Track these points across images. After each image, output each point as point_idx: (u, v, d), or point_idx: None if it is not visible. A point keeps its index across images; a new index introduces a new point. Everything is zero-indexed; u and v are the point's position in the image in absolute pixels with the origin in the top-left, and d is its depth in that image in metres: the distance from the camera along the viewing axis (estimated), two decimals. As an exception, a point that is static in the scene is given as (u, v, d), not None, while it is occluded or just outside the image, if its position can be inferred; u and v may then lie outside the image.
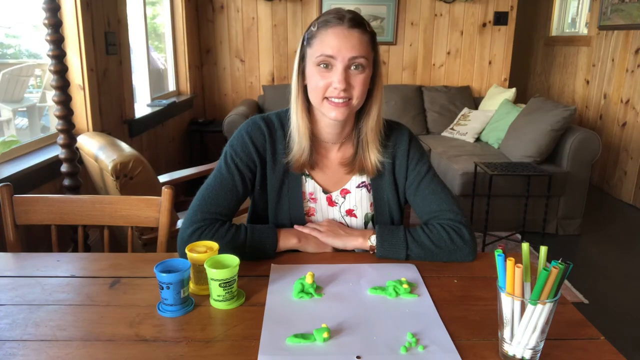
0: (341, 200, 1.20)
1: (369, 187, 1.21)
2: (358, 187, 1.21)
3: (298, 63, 1.11)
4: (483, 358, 0.78)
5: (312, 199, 1.20)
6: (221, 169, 1.14)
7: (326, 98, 1.06)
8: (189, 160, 4.27)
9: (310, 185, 1.19)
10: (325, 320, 0.85)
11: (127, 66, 2.89)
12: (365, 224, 1.22)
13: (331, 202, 1.20)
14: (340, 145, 1.19)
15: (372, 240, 1.11)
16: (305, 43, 1.09)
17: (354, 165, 1.18)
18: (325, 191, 1.20)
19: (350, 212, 1.21)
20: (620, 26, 4.03)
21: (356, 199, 1.21)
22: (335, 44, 1.02)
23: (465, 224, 1.11)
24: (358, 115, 1.16)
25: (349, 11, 1.07)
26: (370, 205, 1.22)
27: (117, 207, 1.32)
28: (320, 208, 1.20)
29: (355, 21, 1.04)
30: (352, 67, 1.04)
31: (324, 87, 1.05)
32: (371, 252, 1.12)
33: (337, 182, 1.20)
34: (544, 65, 5.50)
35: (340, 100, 1.05)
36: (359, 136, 1.17)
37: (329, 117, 1.08)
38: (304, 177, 1.19)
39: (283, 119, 1.18)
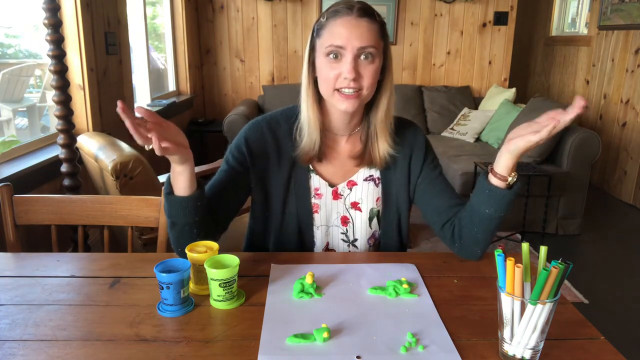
0: (347, 193, 1.19)
1: (377, 181, 1.20)
2: (366, 180, 1.20)
3: (308, 54, 1.10)
4: (483, 358, 0.77)
5: (317, 194, 1.18)
6: (222, 164, 1.18)
7: (336, 90, 1.06)
8: (189, 160, 4.26)
9: (315, 181, 1.18)
10: (325, 320, 0.85)
11: (127, 66, 2.88)
12: (370, 219, 1.20)
13: (336, 196, 1.19)
14: (349, 136, 1.19)
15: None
16: (314, 34, 1.09)
17: (363, 157, 1.17)
18: (331, 185, 1.19)
19: (355, 205, 1.20)
20: (620, 26, 4.03)
21: (362, 192, 1.19)
22: (344, 33, 1.02)
23: None
24: (367, 107, 1.16)
25: (359, 1, 1.06)
26: (377, 200, 1.20)
27: (117, 207, 1.32)
28: (324, 204, 1.19)
29: (364, 10, 1.04)
30: (362, 57, 1.04)
31: (334, 78, 1.05)
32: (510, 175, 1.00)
33: (344, 174, 1.19)
34: (544, 65, 5.50)
35: (351, 91, 1.05)
36: (369, 128, 1.16)
37: (340, 108, 1.08)
38: (309, 172, 1.18)
39: (289, 114, 1.18)
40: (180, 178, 0.99)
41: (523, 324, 0.74)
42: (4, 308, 0.89)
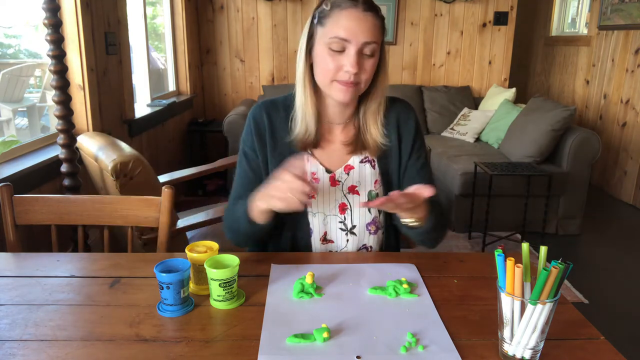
0: (344, 177, 1.18)
1: (372, 163, 1.19)
2: (362, 162, 1.19)
3: (306, 41, 1.09)
4: (483, 358, 0.78)
5: (315, 179, 1.17)
6: (239, 157, 1.21)
7: (334, 80, 1.07)
8: (189, 160, 4.27)
9: (312, 166, 1.17)
10: (325, 320, 0.85)
11: (127, 66, 2.88)
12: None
13: (334, 182, 1.18)
14: (344, 126, 1.19)
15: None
16: (315, 21, 1.08)
17: (356, 144, 1.18)
18: (328, 170, 1.18)
19: (352, 189, 1.18)
20: (620, 26, 4.03)
21: (360, 175, 1.19)
22: (351, 26, 1.02)
23: None
24: (360, 98, 1.17)
25: None
26: (375, 183, 1.19)
27: (117, 207, 1.32)
28: (321, 189, 1.18)
29: (369, 5, 1.04)
30: (365, 51, 1.04)
31: (334, 70, 1.05)
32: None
33: (340, 161, 1.19)
34: (544, 65, 5.50)
35: (349, 80, 1.06)
36: (360, 117, 1.18)
37: (336, 99, 1.09)
38: (306, 157, 1.18)
39: (290, 102, 1.18)
40: (265, 216, 1.05)
41: (523, 324, 0.74)
42: (4, 308, 0.89)
